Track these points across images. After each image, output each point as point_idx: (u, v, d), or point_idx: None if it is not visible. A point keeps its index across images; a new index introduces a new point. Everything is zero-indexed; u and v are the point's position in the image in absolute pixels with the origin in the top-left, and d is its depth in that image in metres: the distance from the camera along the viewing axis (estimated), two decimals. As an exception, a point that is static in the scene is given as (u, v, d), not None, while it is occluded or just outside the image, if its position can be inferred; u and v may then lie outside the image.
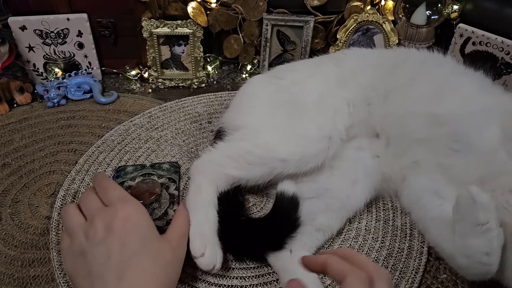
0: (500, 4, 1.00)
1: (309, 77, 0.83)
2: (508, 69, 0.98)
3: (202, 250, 0.61)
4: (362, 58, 0.86)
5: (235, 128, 0.77)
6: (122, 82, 1.15)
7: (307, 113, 0.75)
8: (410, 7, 1.10)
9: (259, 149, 0.70)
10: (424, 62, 0.81)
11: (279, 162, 0.69)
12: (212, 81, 1.16)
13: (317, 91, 0.79)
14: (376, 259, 0.69)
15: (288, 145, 0.70)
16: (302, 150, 0.70)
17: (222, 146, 0.74)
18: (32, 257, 0.70)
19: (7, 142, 0.93)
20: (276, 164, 0.69)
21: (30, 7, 1.04)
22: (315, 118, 0.74)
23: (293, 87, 0.81)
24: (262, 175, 0.70)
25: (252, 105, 0.81)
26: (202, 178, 0.70)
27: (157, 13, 1.05)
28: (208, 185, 0.69)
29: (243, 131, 0.75)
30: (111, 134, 0.94)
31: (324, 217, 0.70)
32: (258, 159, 0.69)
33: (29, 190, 0.82)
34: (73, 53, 1.10)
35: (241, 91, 0.88)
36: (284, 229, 0.66)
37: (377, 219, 0.76)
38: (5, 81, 1.01)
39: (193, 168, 0.73)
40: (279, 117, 0.75)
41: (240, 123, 0.78)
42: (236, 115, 0.82)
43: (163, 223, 0.73)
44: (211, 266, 0.61)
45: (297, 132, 0.72)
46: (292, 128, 0.73)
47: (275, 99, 0.79)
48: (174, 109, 1.03)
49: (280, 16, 1.08)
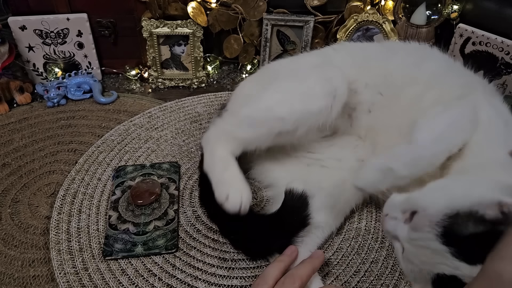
0: (500, 4, 0.99)
1: (307, 55, 0.91)
2: (508, 69, 0.98)
3: (225, 193, 0.63)
4: (353, 51, 0.86)
5: (238, 98, 0.82)
6: (122, 82, 1.15)
7: (309, 75, 0.77)
8: (410, 7, 1.10)
9: (258, 112, 0.72)
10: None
11: (277, 121, 0.70)
12: (212, 81, 1.16)
13: (316, 60, 0.83)
14: (376, 259, 0.69)
15: (288, 105, 0.71)
16: (302, 108, 0.71)
17: (226, 115, 0.78)
18: (32, 257, 0.70)
19: (7, 142, 0.93)
20: (274, 123, 0.70)
21: (30, 7, 1.04)
22: (317, 78, 0.75)
23: (293, 62, 0.86)
24: (264, 136, 0.71)
25: (253, 79, 0.87)
26: (214, 144, 0.72)
27: (157, 13, 1.05)
28: (221, 147, 0.71)
29: (246, 99, 0.78)
30: (111, 134, 0.94)
31: (320, 215, 0.70)
32: (258, 121, 0.72)
33: (29, 190, 0.82)
34: (73, 53, 1.10)
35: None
36: (293, 226, 0.67)
37: (377, 219, 0.76)
38: (5, 81, 1.01)
39: (204, 140, 0.75)
40: (280, 84, 0.78)
41: (242, 93, 0.83)
42: (239, 89, 0.86)
43: (163, 223, 0.73)
44: (237, 208, 0.62)
45: (299, 91, 0.73)
46: (294, 89, 0.75)
47: (275, 72, 0.83)
48: (174, 109, 1.03)
49: (280, 16, 1.08)
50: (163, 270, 0.67)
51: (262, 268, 0.67)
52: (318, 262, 0.62)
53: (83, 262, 0.67)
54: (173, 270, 0.67)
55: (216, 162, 0.69)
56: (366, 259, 0.69)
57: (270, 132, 0.71)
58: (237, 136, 0.71)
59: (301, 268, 0.58)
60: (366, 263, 0.68)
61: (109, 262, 0.67)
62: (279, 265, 0.59)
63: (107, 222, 0.73)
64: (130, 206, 0.75)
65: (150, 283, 0.65)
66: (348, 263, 0.69)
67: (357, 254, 0.70)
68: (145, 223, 0.72)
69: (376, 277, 0.66)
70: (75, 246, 0.69)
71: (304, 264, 0.60)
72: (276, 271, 0.57)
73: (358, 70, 0.77)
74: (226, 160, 0.69)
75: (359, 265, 0.68)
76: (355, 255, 0.70)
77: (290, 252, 0.63)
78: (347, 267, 0.68)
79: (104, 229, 0.72)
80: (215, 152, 0.71)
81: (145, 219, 0.73)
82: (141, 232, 0.71)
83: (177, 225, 0.73)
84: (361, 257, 0.69)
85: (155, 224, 0.72)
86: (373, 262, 0.69)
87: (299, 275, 0.57)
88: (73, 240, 0.70)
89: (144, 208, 0.75)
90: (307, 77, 0.76)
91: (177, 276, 0.66)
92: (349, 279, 0.66)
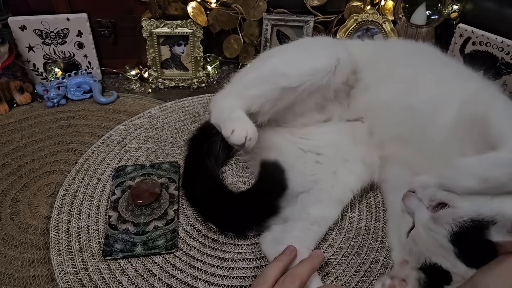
0: (500, 4, 0.99)
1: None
2: (508, 69, 0.98)
3: (231, 128, 0.66)
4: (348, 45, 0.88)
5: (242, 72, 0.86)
6: (122, 82, 1.15)
7: (313, 43, 0.83)
8: (410, 7, 1.10)
9: (264, 71, 0.76)
10: (404, 52, 0.84)
11: (281, 76, 0.73)
12: (212, 81, 1.16)
13: (321, 39, 0.91)
14: (376, 259, 0.69)
15: (294, 64, 0.75)
16: (307, 65, 0.74)
17: (234, 79, 0.81)
18: (32, 257, 0.70)
19: (7, 142, 0.93)
20: (279, 78, 0.72)
21: (30, 7, 1.04)
22: (323, 46, 0.80)
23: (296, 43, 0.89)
24: (269, 91, 0.73)
25: (261, 56, 0.92)
26: (222, 100, 0.75)
27: (157, 13, 1.05)
28: (229, 101, 0.74)
29: (253, 65, 0.85)
30: (111, 134, 0.94)
31: (316, 209, 0.71)
32: (263, 78, 0.75)
33: (29, 190, 0.82)
34: (73, 53, 1.10)
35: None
36: (274, 191, 0.70)
37: (376, 219, 0.76)
38: (5, 81, 1.01)
39: (212, 102, 0.79)
40: (286, 51, 0.82)
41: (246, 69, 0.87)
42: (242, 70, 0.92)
43: (163, 223, 0.73)
44: (242, 140, 0.65)
45: (304, 54, 0.77)
46: (299, 54, 0.78)
47: (281, 47, 0.89)
48: (174, 109, 1.03)
49: (280, 16, 1.08)
50: (163, 270, 0.67)
51: (262, 268, 0.67)
52: (318, 261, 0.62)
53: (83, 262, 0.67)
54: (173, 270, 0.67)
55: (224, 110, 0.72)
56: (366, 259, 0.69)
57: (274, 87, 0.73)
58: (244, 94, 0.74)
59: (300, 267, 0.58)
60: (366, 263, 0.68)
61: (109, 262, 0.67)
62: (279, 264, 0.59)
63: (107, 222, 0.73)
64: (130, 206, 0.75)
65: (150, 283, 0.65)
66: (348, 263, 0.69)
67: (357, 254, 0.70)
68: (145, 223, 0.72)
69: (376, 277, 0.66)
70: (75, 246, 0.69)
71: (304, 263, 0.60)
72: (276, 271, 0.57)
73: (361, 52, 0.81)
74: (233, 107, 0.72)
75: (359, 265, 0.68)
76: (355, 255, 0.70)
77: (289, 251, 0.63)
78: (347, 267, 0.68)
79: (104, 229, 0.72)
80: (222, 105, 0.74)
81: (145, 219, 0.73)
82: (141, 232, 0.71)
83: (177, 225, 0.73)
84: (361, 257, 0.69)
85: (155, 224, 0.72)
86: (373, 262, 0.69)
87: (299, 274, 0.57)
88: (73, 240, 0.70)
89: (144, 208, 0.75)
90: (312, 46, 0.81)
91: (177, 276, 0.66)
92: (349, 279, 0.66)
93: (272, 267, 0.58)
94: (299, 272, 0.57)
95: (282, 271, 0.58)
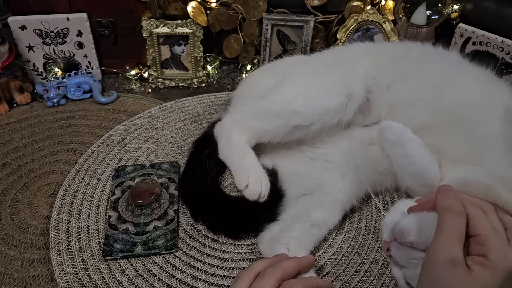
0: (500, 4, 0.99)
1: (321, 53, 0.91)
2: (508, 69, 0.98)
3: (245, 181, 0.64)
4: (363, 48, 0.87)
5: (250, 89, 0.83)
6: (122, 82, 1.15)
7: (325, 72, 0.78)
8: (410, 7, 1.10)
9: (276, 105, 0.73)
10: (428, 54, 0.82)
11: (294, 114, 0.71)
12: (212, 81, 1.16)
13: (332, 58, 0.85)
14: (376, 259, 0.69)
15: (305, 100, 0.72)
16: (319, 104, 0.72)
17: (243, 106, 0.78)
18: (32, 257, 0.70)
19: (7, 142, 0.93)
20: (291, 116, 0.71)
21: (30, 6, 1.04)
22: (334, 76, 0.76)
23: (308, 58, 0.88)
24: (281, 127, 0.72)
25: (266, 71, 0.88)
26: (230, 132, 0.73)
27: (157, 12, 1.05)
28: (237, 135, 0.72)
29: (261, 91, 0.79)
30: (110, 134, 0.94)
31: (318, 213, 0.71)
32: (275, 112, 0.73)
33: (29, 190, 0.82)
34: (73, 52, 1.10)
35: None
36: (271, 200, 0.69)
37: (377, 219, 0.76)
38: (4, 80, 1.01)
39: (218, 128, 0.76)
40: (298, 78, 0.79)
41: (254, 85, 0.84)
42: (249, 80, 0.89)
43: (163, 223, 0.73)
44: (256, 195, 0.64)
45: (316, 87, 0.75)
46: (311, 85, 0.76)
47: (290, 67, 0.85)
48: (174, 109, 1.03)
49: (280, 16, 1.08)
50: (163, 270, 0.67)
51: (262, 268, 0.67)
52: (306, 261, 0.60)
53: (83, 262, 0.67)
54: (173, 270, 0.67)
55: (234, 150, 0.71)
56: (366, 259, 0.69)
57: (287, 124, 0.71)
58: (254, 126, 0.73)
59: (285, 261, 0.57)
60: (366, 263, 0.68)
61: (109, 262, 0.67)
62: (265, 261, 0.58)
63: (107, 222, 0.73)
64: (130, 206, 0.75)
65: (150, 283, 0.65)
66: (348, 263, 0.69)
67: (357, 254, 0.70)
68: (145, 223, 0.72)
69: (376, 277, 0.66)
70: (74, 246, 0.69)
71: (291, 259, 0.59)
72: (260, 266, 0.56)
73: (375, 58, 0.80)
74: (243, 147, 0.71)
75: (359, 265, 0.68)
76: (355, 255, 0.70)
77: (280, 256, 0.62)
78: (347, 267, 0.68)
79: (104, 229, 0.72)
80: (231, 139, 0.72)
81: (145, 219, 0.73)
82: (141, 232, 0.71)
83: (177, 225, 0.73)
84: (361, 257, 0.69)
85: (155, 224, 0.72)
86: (373, 262, 0.69)
87: (282, 265, 0.55)
88: (73, 240, 0.70)
89: (144, 208, 0.75)
90: (324, 74, 0.77)
91: (177, 276, 0.66)
92: (349, 279, 0.66)
93: (257, 263, 0.57)
94: (283, 263, 0.56)
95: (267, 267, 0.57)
